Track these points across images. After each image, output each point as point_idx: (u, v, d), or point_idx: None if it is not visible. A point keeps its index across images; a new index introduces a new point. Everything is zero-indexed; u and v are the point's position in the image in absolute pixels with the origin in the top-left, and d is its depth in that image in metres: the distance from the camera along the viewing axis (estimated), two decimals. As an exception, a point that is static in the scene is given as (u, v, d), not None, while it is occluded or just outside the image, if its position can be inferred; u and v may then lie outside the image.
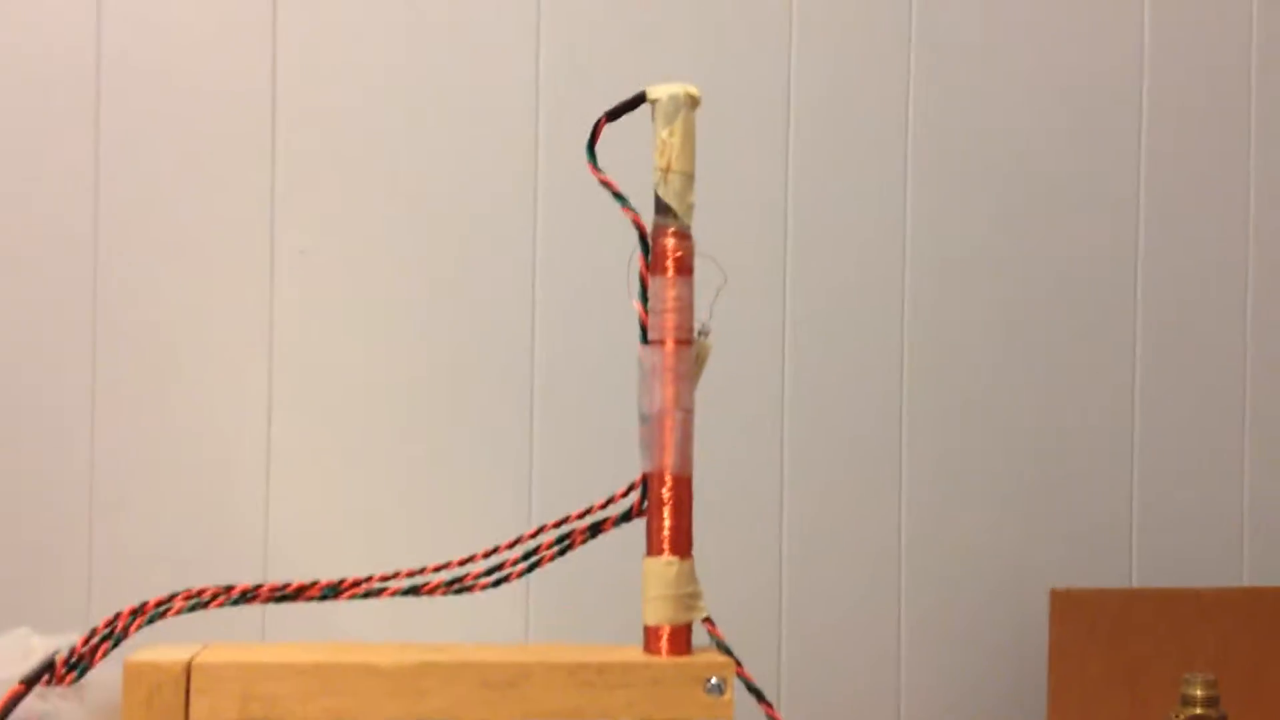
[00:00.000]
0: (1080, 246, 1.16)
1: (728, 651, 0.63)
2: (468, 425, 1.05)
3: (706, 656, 0.62)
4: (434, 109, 1.05)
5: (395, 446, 1.04)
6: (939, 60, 1.14)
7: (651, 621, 0.63)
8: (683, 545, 0.63)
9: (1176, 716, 0.87)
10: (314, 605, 0.93)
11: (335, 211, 1.04)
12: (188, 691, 0.59)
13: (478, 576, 0.66)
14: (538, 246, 1.07)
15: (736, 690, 0.62)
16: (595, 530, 0.66)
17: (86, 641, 0.60)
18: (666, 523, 0.63)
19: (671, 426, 0.63)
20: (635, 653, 0.63)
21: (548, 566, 0.68)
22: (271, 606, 0.99)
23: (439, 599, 0.67)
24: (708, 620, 0.63)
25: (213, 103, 1.02)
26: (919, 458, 1.13)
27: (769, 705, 0.62)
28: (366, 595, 0.66)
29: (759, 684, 0.64)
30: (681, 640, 0.63)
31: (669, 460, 0.63)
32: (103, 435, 1.00)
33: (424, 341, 1.05)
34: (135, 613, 0.62)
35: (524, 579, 1.02)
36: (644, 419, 0.64)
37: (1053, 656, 1.12)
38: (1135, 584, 1.18)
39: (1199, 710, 0.86)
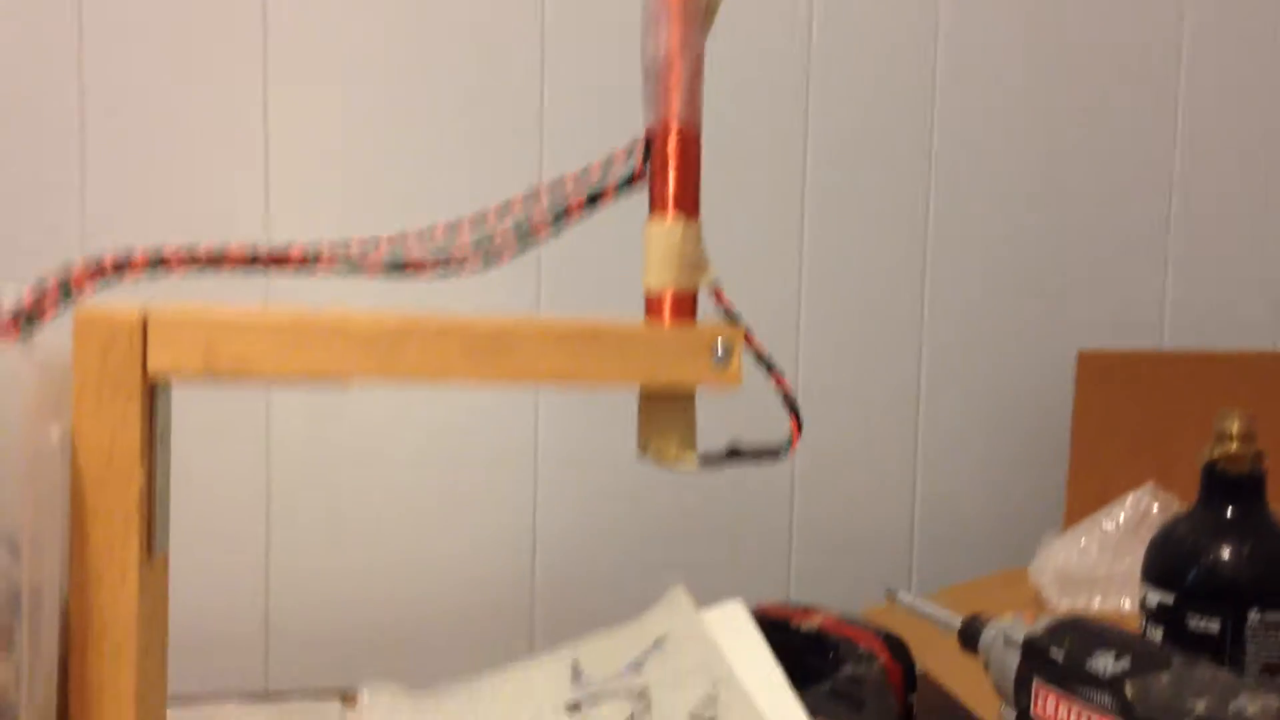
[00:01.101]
0: (1120, 25, 1.09)
1: (737, 321, 0.57)
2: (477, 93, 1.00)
3: (712, 325, 0.57)
4: None
5: (400, 119, 0.99)
6: None
7: (654, 285, 0.57)
8: (689, 204, 0.57)
9: (1211, 453, 0.81)
10: (317, 293, 0.86)
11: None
12: (145, 345, 0.53)
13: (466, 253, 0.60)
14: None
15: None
16: (594, 200, 0.60)
17: (34, 294, 0.55)
18: (671, 177, 0.57)
19: (678, 72, 0.57)
20: (636, 322, 0.57)
21: (558, 245, 0.61)
22: (275, 295, 0.95)
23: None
24: (716, 288, 0.58)
25: None
26: (947, 214, 1.07)
27: (779, 375, 0.56)
28: (348, 267, 0.60)
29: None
30: (686, 307, 0.57)
31: (675, 109, 0.57)
32: (93, 118, 0.95)
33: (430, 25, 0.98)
34: (90, 270, 0.56)
35: (535, 259, 0.98)
36: (648, 68, 0.57)
37: (1076, 418, 1.07)
38: (1166, 347, 1.13)
39: (1234, 447, 0.81)
